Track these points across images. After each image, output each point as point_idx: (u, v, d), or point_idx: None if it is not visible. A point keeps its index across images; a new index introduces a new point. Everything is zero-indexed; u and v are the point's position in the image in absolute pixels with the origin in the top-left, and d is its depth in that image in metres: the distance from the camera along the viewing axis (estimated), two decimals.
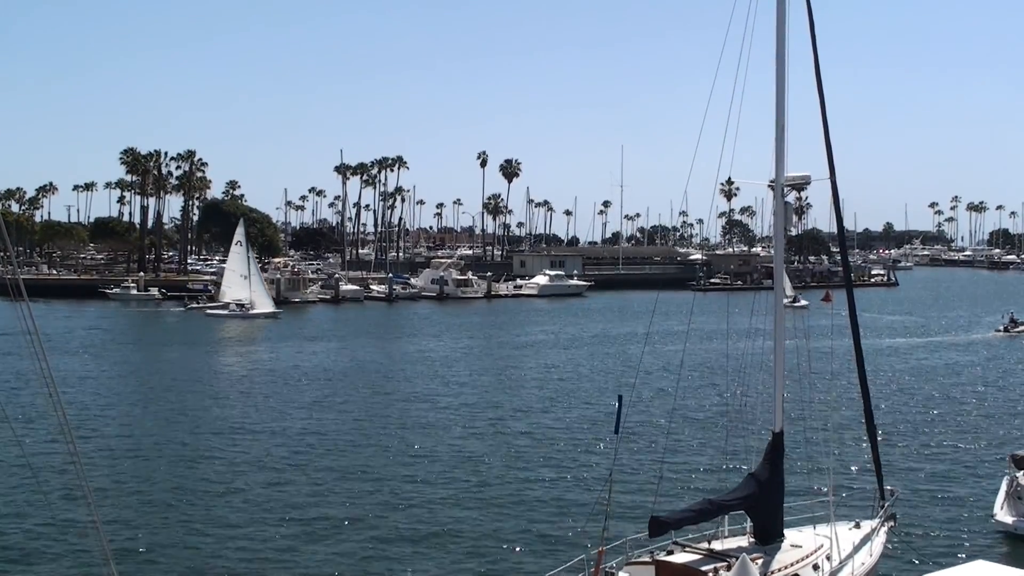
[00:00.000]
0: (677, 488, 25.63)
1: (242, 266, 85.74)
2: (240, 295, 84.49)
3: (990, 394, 43.52)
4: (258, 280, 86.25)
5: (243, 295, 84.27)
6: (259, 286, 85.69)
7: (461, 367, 52.59)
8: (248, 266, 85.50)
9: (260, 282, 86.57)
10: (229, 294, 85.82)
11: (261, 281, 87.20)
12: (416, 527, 23.27)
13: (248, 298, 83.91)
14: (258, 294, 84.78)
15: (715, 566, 15.84)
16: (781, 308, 18.16)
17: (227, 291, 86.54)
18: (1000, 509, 22.97)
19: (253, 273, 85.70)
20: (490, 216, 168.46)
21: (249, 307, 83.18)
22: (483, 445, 32.33)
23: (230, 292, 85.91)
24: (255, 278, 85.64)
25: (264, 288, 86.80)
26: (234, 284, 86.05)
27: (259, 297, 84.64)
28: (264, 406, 39.69)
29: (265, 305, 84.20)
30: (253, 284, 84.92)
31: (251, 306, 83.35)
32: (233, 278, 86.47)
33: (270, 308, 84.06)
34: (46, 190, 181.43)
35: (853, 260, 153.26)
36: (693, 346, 55.43)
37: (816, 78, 18.19)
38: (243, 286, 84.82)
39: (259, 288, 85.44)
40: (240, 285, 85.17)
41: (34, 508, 24.10)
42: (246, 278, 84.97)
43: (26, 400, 38.76)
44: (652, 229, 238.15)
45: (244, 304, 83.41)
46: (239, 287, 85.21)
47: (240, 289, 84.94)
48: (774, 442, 17.83)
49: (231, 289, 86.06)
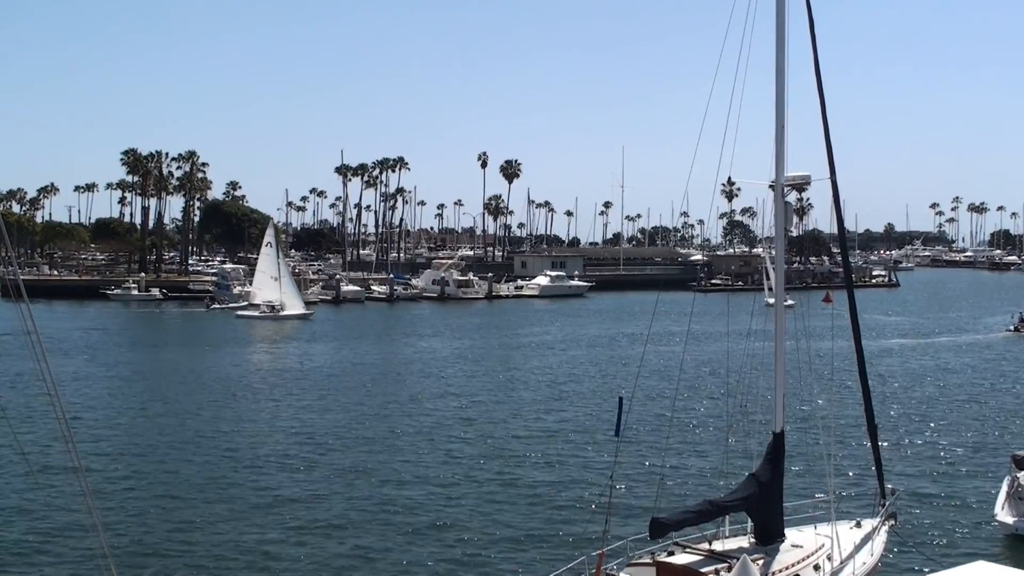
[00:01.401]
0: (678, 489, 25.62)
1: (272, 267, 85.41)
2: (271, 296, 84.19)
3: (992, 394, 43.47)
4: (289, 281, 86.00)
5: (273, 296, 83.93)
6: (290, 287, 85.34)
7: (461, 368, 52.58)
8: (279, 267, 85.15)
9: (291, 283, 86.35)
10: (260, 295, 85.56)
11: (292, 282, 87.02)
12: (416, 527, 23.27)
13: (279, 299, 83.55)
14: (289, 295, 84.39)
15: (716, 567, 15.83)
16: (782, 308, 18.15)
17: (257, 292, 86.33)
18: (1001, 509, 22.95)
19: (284, 274, 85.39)
20: (491, 217, 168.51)
21: (280, 308, 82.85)
22: (483, 446, 32.32)
23: (260, 293, 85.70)
24: (286, 279, 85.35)
25: (295, 289, 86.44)
26: (264, 285, 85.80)
27: (290, 298, 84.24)
28: (268, 406, 39.70)
29: (296, 306, 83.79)
30: (284, 285, 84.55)
31: (282, 307, 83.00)
32: (263, 279, 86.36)
33: (301, 309, 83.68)
34: (47, 191, 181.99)
35: (854, 261, 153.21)
36: (694, 347, 55.41)
37: (816, 78, 18.20)
38: (273, 287, 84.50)
39: (290, 289, 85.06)
40: (271, 286, 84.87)
41: (33, 505, 24.13)
42: (276, 279, 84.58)
43: (28, 399, 38.76)
44: (653, 230, 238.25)
45: (275, 305, 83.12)
46: (270, 288, 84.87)
47: (271, 290, 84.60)
48: (775, 442, 17.82)
49: (261, 290, 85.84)
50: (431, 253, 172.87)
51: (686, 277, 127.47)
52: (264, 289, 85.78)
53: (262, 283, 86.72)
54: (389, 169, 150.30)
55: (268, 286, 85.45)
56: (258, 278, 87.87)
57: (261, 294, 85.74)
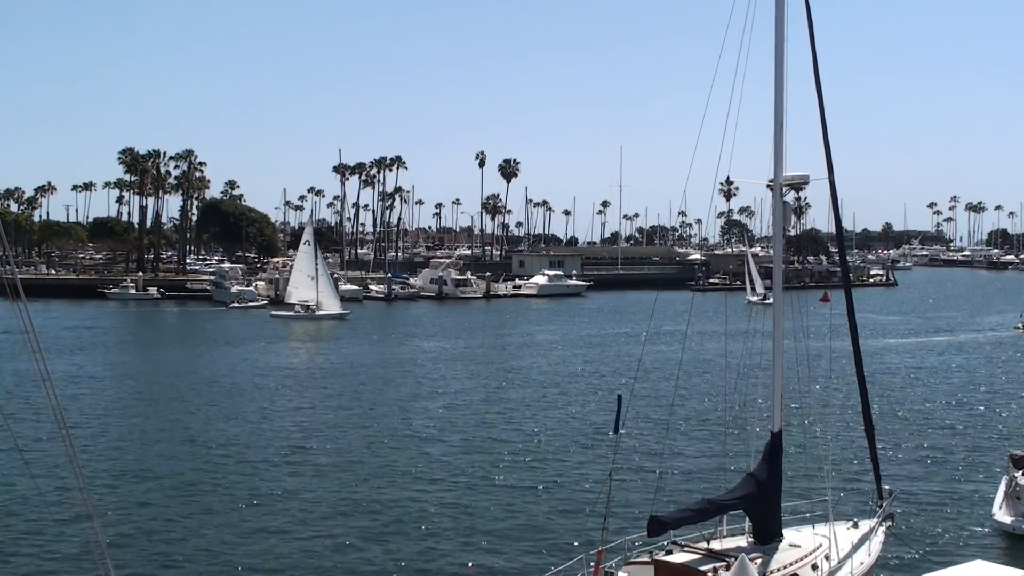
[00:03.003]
0: (676, 488, 25.63)
1: (309, 266, 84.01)
2: (307, 296, 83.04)
3: (990, 393, 43.49)
4: (326, 281, 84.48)
5: (310, 296, 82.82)
6: (327, 287, 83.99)
7: (459, 367, 52.58)
8: (316, 267, 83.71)
9: (328, 283, 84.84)
10: (295, 295, 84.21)
11: (329, 282, 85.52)
12: (415, 526, 23.28)
13: (315, 299, 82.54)
14: (325, 295, 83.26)
15: (714, 566, 15.84)
16: (780, 308, 18.15)
17: (293, 291, 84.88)
18: (998, 509, 23.00)
19: (321, 274, 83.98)
20: (489, 216, 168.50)
21: (316, 308, 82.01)
22: (482, 445, 32.32)
23: (296, 293, 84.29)
24: (323, 279, 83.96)
25: (332, 288, 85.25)
26: (301, 284, 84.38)
27: (326, 298, 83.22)
28: (271, 406, 39.68)
29: (332, 306, 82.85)
30: (320, 285, 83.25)
31: (318, 307, 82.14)
32: (300, 278, 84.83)
33: (337, 309, 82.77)
34: (45, 190, 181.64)
35: (852, 260, 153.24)
36: (692, 346, 55.42)
37: (815, 78, 18.19)
38: (310, 287, 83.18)
39: (327, 289, 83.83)
40: (307, 286, 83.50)
41: (30, 501, 24.11)
42: (313, 279, 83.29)
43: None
44: (651, 229, 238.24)
45: (310, 305, 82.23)
46: (306, 288, 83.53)
47: (307, 290, 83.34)
48: (773, 442, 17.83)
49: (297, 290, 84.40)
50: (429, 252, 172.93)
51: (684, 276, 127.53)
52: (300, 288, 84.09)
53: (299, 282, 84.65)
54: (387, 168, 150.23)
55: (305, 285, 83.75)
56: (295, 277, 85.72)
57: (297, 293, 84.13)
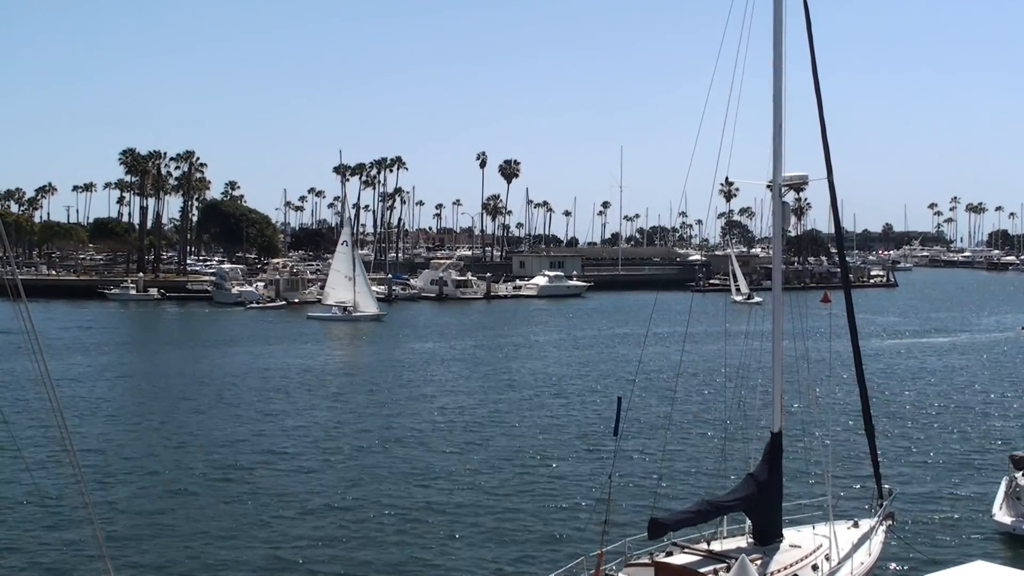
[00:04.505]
0: (676, 489, 25.63)
1: (347, 267, 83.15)
2: (344, 297, 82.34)
3: (989, 394, 43.46)
4: (363, 281, 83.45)
5: (347, 297, 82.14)
6: (364, 287, 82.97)
7: (459, 368, 52.56)
8: (353, 267, 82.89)
9: (365, 283, 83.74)
10: (333, 295, 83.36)
11: (366, 282, 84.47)
12: (414, 528, 23.26)
13: (352, 300, 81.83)
14: (363, 295, 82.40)
15: (714, 567, 15.85)
16: (780, 308, 18.16)
17: (331, 292, 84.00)
18: (999, 509, 22.98)
19: (359, 274, 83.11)
20: (489, 217, 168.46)
21: (353, 309, 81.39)
22: (482, 446, 32.30)
23: (334, 293, 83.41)
24: (360, 279, 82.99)
25: (369, 289, 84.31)
26: (338, 285, 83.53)
27: (364, 299, 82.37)
28: (273, 406, 39.69)
29: (370, 307, 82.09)
30: (358, 285, 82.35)
31: (355, 308, 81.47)
32: (337, 279, 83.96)
33: (375, 310, 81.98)
34: (45, 190, 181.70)
35: (852, 261, 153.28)
36: (692, 347, 55.38)
37: (814, 78, 18.20)
38: (347, 287, 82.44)
39: (364, 289, 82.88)
40: (344, 286, 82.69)
41: (29, 501, 24.12)
42: (351, 279, 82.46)
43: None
44: (651, 230, 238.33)
45: (348, 306, 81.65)
46: (343, 288, 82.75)
47: (344, 290, 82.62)
48: (773, 442, 17.83)
49: (335, 290, 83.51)
50: (429, 253, 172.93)
51: (684, 277, 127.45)
52: (337, 289, 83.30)
53: (336, 283, 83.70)
54: (387, 169, 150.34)
55: (342, 286, 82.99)
56: (332, 277, 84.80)
57: (334, 294, 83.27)
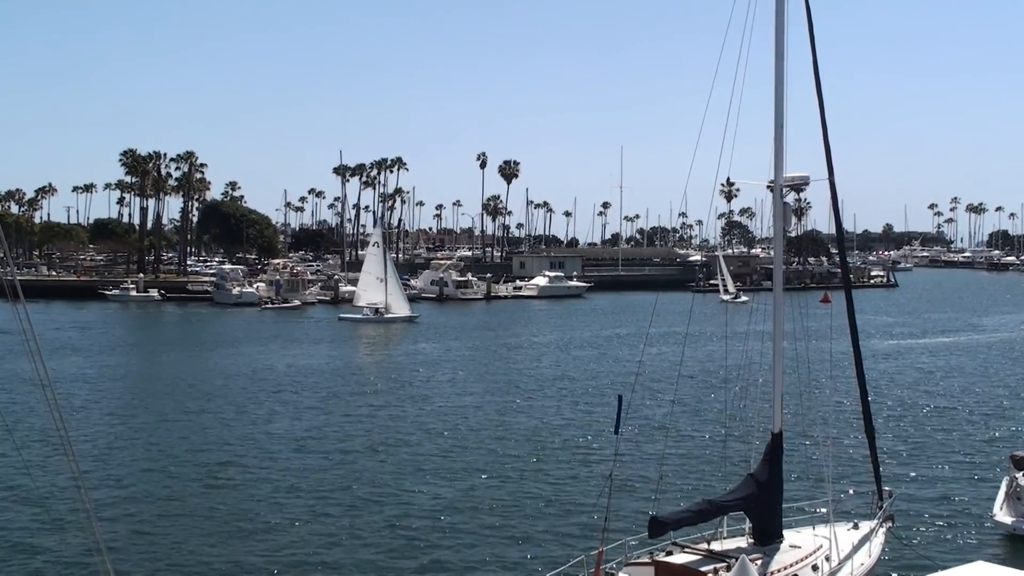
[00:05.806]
0: (676, 489, 25.62)
1: (379, 268, 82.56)
2: (376, 298, 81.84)
3: (990, 394, 43.43)
4: (395, 283, 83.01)
5: (379, 298, 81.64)
6: (396, 289, 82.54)
7: (459, 368, 52.54)
8: (385, 269, 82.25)
9: (397, 285, 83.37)
10: (364, 297, 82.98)
11: (398, 284, 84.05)
12: (415, 527, 23.26)
13: (383, 301, 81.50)
14: (395, 297, 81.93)
15: (714, 567, 15.85)
16: (781, 308, 18.15)
17: (362, 294, 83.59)
18: (999, 510, 22.97)
19: (390, 276, 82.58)
20: (489, 217, 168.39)
21: (385, 311, 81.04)
22: (482, 446, 32.30)
23: (365, 295, 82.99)
24: (392, 281, 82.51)
25: (401, 291, 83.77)
26: (370, 287, 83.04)
27: (395, 300, 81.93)
28: (273, 406, 39.69)
29: (402, 309, 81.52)
30: (390, 287, 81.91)
31: (387, 310, 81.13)
32: (369, 280, 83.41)
33: (407, 312, 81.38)
34: (45, 191, 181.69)
35: (852, 261, 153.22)
36: (692, 347, 55.37)
37: (815, 79, 18.21)
38: (379, 289, 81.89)
39: (396, 291, 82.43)
40: (376, 288, 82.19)
41: (29, 500, 24.13)
42: (382, 281, 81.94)
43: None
44: (652, 230, 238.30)
45: (379, 308, 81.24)
46: (375, 290, 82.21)
47: (376, 292, 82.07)
48: (773, 443, 17.83)
49: (367, 292, 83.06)
50: (430, 254, 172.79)
51: (685, 278, 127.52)
52: (369, 290, 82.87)
53: (368, 284, 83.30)
54: (387, 169, 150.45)
55: (373, 287, 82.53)
56: (363, 279, 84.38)
57: (366, 295, 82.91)
